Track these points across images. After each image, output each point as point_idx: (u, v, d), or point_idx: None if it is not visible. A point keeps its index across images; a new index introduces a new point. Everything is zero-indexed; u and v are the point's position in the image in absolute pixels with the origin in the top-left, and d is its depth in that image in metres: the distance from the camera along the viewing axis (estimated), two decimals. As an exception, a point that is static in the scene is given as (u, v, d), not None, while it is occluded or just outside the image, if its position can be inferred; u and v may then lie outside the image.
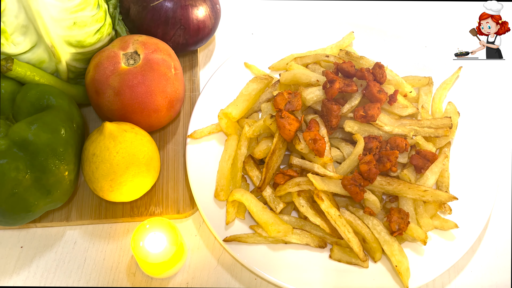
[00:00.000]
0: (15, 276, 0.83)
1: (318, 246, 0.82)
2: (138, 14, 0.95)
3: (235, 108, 0.90)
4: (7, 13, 0.78)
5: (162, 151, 0.94)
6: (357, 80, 0.89)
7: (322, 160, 0.83)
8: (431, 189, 0.81)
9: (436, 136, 0.88)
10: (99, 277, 0.83)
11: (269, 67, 1.01)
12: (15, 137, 0.74)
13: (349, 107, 0.85)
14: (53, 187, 0.76)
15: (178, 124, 0.98)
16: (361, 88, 0.87)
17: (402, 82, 0.93)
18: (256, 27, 1.15)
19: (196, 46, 1.01)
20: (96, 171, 0.79)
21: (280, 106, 0.84)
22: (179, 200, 0.89)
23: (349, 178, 0.80)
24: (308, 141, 0.82)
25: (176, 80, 0.88)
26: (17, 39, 0.81)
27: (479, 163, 0.90)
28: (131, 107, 0.84)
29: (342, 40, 1.01)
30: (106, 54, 0.86)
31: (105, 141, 0.79)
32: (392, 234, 0.79)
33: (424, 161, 0.84)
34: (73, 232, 0.88)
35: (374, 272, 0.80)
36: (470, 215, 0.85)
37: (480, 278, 0.84)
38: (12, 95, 0.82)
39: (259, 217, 0.81)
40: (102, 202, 0.89)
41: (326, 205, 0.80)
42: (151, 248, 0.76)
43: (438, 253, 0.81)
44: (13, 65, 0.81)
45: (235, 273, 0.84)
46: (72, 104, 0.84)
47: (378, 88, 0.85)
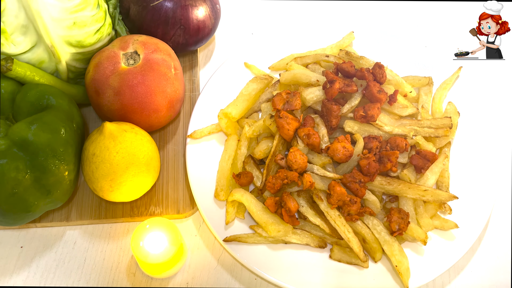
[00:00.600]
0: (15, 276, 0.83)
1: (318, 246, 0.82)
2: (138, 14, 0.95)
3: (235, 108, 0.90)
4: (7, 13, 0.78)
5: (162, 151, 0.94)
6: (357, 80, 0.89)
7: (321, 161, 0.83)
8: (431, 189, 0.81)
9: (436, 136, 0.88)
10: (99, 277, 0.83)
11: (269, 67, 1.01)
12: (15, 137, 0.74)
13: (349, 107, 0.85)
14: (53, 187, 0.76)
15: (178, 124, 0.98)
16: (361, 88, 0.87)
17: (402, 82, 0.93)
18: (256, 27, 1.15)
19: (196, 46, 1.01)
20: (96, 171, 0.79)
21: (278, 107, 0.84)
22: (179, 200, 0.89)
23: (348, 176, 0.80)
24: (302, 136, 0.82)
25: (176, 80, 0.88)
26: (17, 39, 0.81)
27: (479, 163, 0.90)
28: (131, 107, 0.84)
29: (342, 40, 1.01)
30: (106, 54, 0.86)
31: (105, 141, 0.79)
32: (392, 234, 0.79)
33: (424, 161, 0.84)
34: (73, 232, 0.88)
35: (374, 272, 0.80)
36: (470, 215, 0.84)
37: (480, 278, 0.83)
38: (12, 95, 0.82)
39: (259, 217, 0.81)
40: (102, 202, 0.89)
41: (326, 205, 0.80)
42: (151, 248, 0.76)
43: (438, 253, 0.81)
44: (13, 65, 0.81)
45: (235, 273, 0.84)
46: (72, 104, 0.84)
47: (378, 88, 0.85)
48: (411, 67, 1.00)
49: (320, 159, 0.83)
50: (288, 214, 0.79)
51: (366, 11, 1.18)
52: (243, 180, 0.84)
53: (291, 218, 0.80)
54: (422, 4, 1.19)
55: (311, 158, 0.84)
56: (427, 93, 0.96)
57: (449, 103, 0.95)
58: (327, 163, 0.83)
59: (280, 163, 0.82)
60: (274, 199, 0.80)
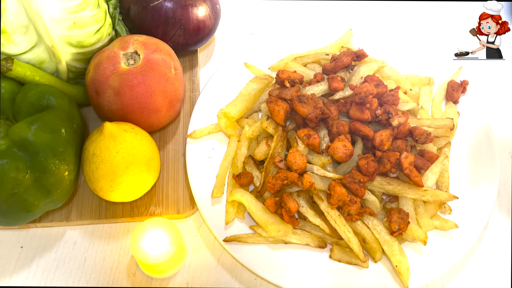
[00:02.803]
0: (15, 276, 0.83)
1: (318, 246, 0.82)
2: (138, 14, 0.95)
3: (234, 108, 0.90)
4: (7, 13, 0.78)
5: (162, 151, 0.94)
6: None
7: (321, 161, 0.83)
8: (431, 189, 0.81)
9: (436, 136, 0.88)
10: (99, 277, 0.83)
11: (269, 67, 1.01)
12: (15, 137, 0.74)
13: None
14: (53, 187, 0.76)
15: (178, 124, 0.98)
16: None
17: (402, 78, 0.93)
18: (256, 27, 1.15)
19: (196, 46, 1.01)
20: (96, 171, 0.79)
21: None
22: (179, 200, 0.89)
23: (348, 176, 0.80)
24: (302, 137, 0.82)
25: (176, 80, 0.88)
26: (17, 39, 0.81)
27: (479, 163, 0.90)
28: (131, 107, 0.84)
29: (340, 38, 1.01)
30: (106, 54, 0.86)
31: (105, 141, 0.79)
32: (392, 234, 0.79)
33: (424, 161, 0.84)
34: (73, 232, 0.88)
35: (374, 272, 0.80)
36: (470, 215, 0.84)
37: (480, 278, 0.83)
38: (12, 95, 0.82)
39: (259, 217, 0.81)
40: (102, 202, 0.89)
41: (326, 205, 0.80)
42: (151, 248, 0.76)
43: (438, 253, 0.81)
44: (13, 65, 0.81)
45: (235, 273, 0.84)
46: (72, 104, 0.84)
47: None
48: (411, 67, 1.00)
49: (320, 159, 0.83)
50: (288, 215, 0.79)
51: (366, 11, 1.18)
52: (243, 180, 0.84)
53: (291, 219, 0.80)
54: (422, 4, 1.19)
55: (310, 159, 0.84)
56: (428, 93, 0.96)
57: (448, 103, 0.95)
58: (327, 163, 0.83)
59: (279, 165, 0.82)
60: (274, 199, 0.80)
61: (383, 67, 0.94)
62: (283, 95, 0.85)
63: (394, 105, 0.85)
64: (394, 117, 0.82)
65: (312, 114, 0.82)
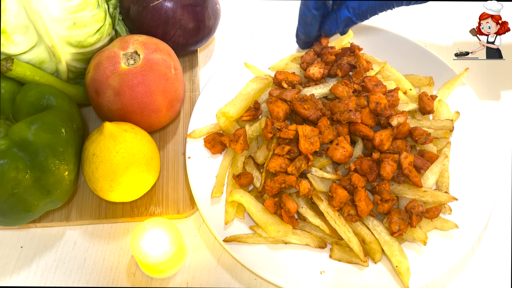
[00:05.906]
0: (15, 276, 0.83)
1: (318, 246, 0.82)
2: (138, 14, 0.95)
3: (232, 107, 0.90)
4: (7, 13, 0.78)
5: (162, 151, 0.94)
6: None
7: (320, 163, 0.83)
8: (430, 190, 0.81)
9: (436, 138, 0.88)
10: (99, 277, 0.83)
11: (269, 67, 1.01)
12: (15, 137, 0.74)
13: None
14: (53, 187, 0.76)
15: (178, 124, 0.98)
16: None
17: (402, 78, 0.93)
18: (256, 27, 1.15)
19: (196, 46, 1.01)
20: (96, 171, 0.79)
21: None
22: (179, 200, 0.89)
23: (346, 179, 0.80)
24: None
25: (176, 80, 0.88)
26: (17, 39, 0.81)
27: (479, 163, 0.90)
28: (131, 107, 0.84)
29: (340, 38, 1.00)
30: (106, 54, 0.86)
31: (105, 141, 0.79)
32: (393, 235, 0.79)
33: (424, 161, 0.84)
34: (73, 232, 0.88)
35: (375, 272, 0.80)
36: (470, 215, 0.84)
37: (480, 278, 0.83)
38: (12, 95, 0.82)
39: (258, 218, 0.81)
40: (102, 202, 0.89)
41: (325, 206, 0.80)
42: (151, 248, 0.76)
43: (438, 253, 0.81)
44: (13, 65, 0.81)
45: (235, 273, 0.84)
46: (72, 104, 0.84)
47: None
48: (411, 67, 1.00)
49: (319, 161, 0.83)
50: (287, 215, 0.79)
51: (366, 11, 1.18)
52: (243, 180, 0.84)
53: (291, 219, 0.80)
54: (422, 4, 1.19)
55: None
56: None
57: (439, 101, 0.93)
58: (326, 164, 0.83)
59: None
60: (273, 200, 0.80)
61: (383, 67, 0.94)
62: (284, 96, 0.85)
63: (394, 105, 0.85)
64: (393, 117, 0.82)
65: (314, 116, 0.82)
